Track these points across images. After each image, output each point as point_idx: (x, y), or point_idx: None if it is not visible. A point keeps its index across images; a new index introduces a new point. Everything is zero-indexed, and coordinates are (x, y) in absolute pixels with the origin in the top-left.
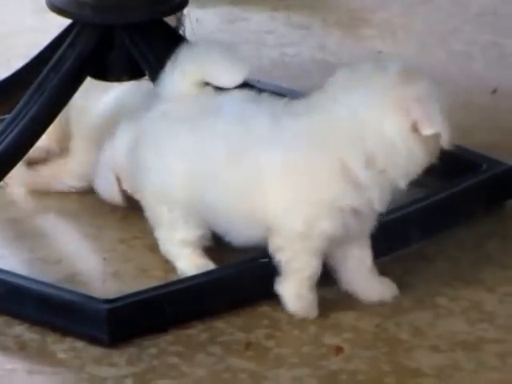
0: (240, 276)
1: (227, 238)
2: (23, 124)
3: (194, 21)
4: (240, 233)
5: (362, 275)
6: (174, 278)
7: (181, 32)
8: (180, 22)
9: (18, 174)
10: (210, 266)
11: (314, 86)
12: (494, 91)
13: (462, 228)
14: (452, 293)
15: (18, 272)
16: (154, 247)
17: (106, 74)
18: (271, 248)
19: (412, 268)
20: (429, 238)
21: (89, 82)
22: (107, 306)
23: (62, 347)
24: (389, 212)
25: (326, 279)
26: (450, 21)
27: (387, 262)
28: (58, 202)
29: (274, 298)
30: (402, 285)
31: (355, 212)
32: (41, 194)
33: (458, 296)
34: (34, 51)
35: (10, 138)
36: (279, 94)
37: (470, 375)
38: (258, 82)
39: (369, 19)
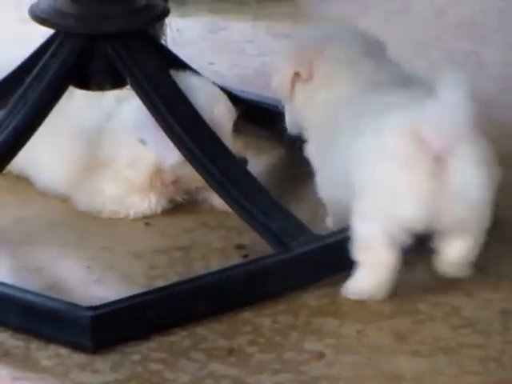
0: (222, 283)
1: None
2: (7, 133)
3: (175, 30)
4: None
5: None
6: (157, 284)
7: (162, 41)
8: (162, 31)
9: None
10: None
11: None
12: None
13: None
14: (433, 299)
15: (1, 280)
16: (137, 254)
17: (89, 83)
18: None
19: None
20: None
21: None
22: (91, 313)
23: (46, 354)
24: None
25: (310, 286)
26: (429, 30)
27: None
28: (40, 208)
29: (256, 305)
30: None
31: None
32: (23, 200)
33: (439, 301)
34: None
35: None
36: (262, 103)
37: (451, 380)
38: (242, 91)
39: None
